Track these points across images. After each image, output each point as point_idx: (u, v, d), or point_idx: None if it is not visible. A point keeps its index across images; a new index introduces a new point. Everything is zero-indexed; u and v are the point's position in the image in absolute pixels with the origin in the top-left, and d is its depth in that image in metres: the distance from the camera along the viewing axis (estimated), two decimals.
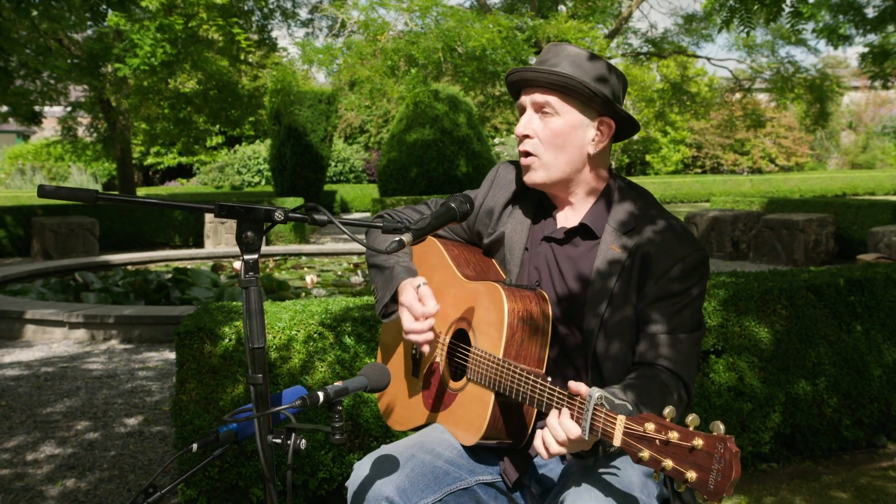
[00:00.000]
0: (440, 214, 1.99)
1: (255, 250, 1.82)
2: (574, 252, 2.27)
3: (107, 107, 17.99)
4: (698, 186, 33.33)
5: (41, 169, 32.12)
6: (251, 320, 1.82)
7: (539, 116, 2.20)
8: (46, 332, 8.42)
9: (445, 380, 2.31)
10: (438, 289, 2.39)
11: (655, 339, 2.14)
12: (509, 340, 2.12)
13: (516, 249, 2.34)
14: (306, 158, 24.98)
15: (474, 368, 2.19)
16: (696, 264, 2.16)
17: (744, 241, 14.60)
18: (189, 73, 18.57)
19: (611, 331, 2.18)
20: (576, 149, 2.22)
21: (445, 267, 2.39)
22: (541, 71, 2.15)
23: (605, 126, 2.26)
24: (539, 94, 2.19)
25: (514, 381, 2.05)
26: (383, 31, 16.13)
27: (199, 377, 3.81)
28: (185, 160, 31.90)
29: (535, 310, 2.17)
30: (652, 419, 1.69)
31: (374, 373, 1.90)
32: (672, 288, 2.14)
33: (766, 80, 24.61)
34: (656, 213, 2.26)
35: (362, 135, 36.84)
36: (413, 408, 2.42)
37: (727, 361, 4.25)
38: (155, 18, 13.83)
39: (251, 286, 1.82)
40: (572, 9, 18.57)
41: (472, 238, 2.52)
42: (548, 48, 2.26)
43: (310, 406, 1.76)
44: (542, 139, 2.20)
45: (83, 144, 20.16)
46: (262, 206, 1.83)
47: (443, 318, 2.35)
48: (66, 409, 6.02)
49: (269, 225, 1.84)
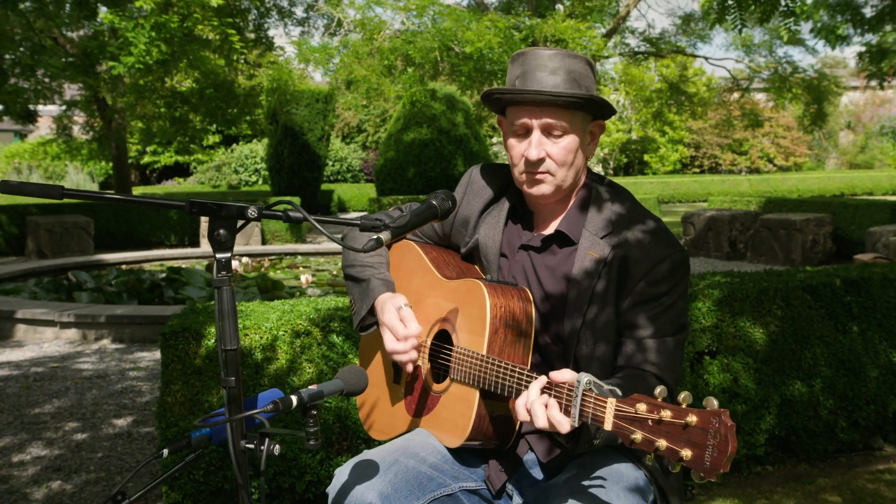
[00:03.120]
0: (420, 211, 1.93)
1: (227, 248, 1.76)
2: (552, 260, 2.21)
3: (102, 105, 17.91)
4: (696, 186, 33.30)
5: (38, 168, 32.04)
6: (223, 321, 1.76)
7: (548, 137, 2.13)
8: (38, 332, 8.35)
9: (428, 383, 2.25)
10: (419, 291, 2.34)
11: (639, 344, 2.08)
12: (492, 336, 2.06)
13: (491, 255, 2.28)
14: (303, 158, 24.92)
15: (457, 368, 2.14)
16: (675, 266, 2.10)
17: (741, 241, 14.54)
18: (186, 72, 18.50)
19: (591, 336, 2.12)
20: (579, 159, 2.18)
21: (425, 270, 2.33)
22: (556, 95, 2.06)
23: (598, 128, 2.24)
24: (551, 117, 2.10)
25: (499, 375, 2.00)
26: (380, 30, 16.07)
27: (184, 378, 3.74)
28: (182, 159, 31.84)
29: (517, 307, 2.11)
30: (643, 399, 1.63)
31: (350, 376, 1.84)
32: (652, 291, 2.09)
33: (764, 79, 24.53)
34: (634, 215, 2.20)
35: (360, 134, 36.78)
36: (395, 415, 2.36)
37: (721, 362, 4.19)
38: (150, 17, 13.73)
39: (223, 286, 1.76)
40: (570, 8, 18.50)
41: (449, 246, 2.46)
42: (529, 59, 2.14)
43: (282, 410, 1.70)
44: (556, 160, 2.13)
45: (78, 143, 20.08)
46: (234, 203, 1.77)
47: (425, 321, 2.29)
48: (55, 410, 5.96)
49: (242, 223, 1.78)
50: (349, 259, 2.46)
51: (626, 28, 22.73)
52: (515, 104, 2.14)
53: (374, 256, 2.40)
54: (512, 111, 2.17)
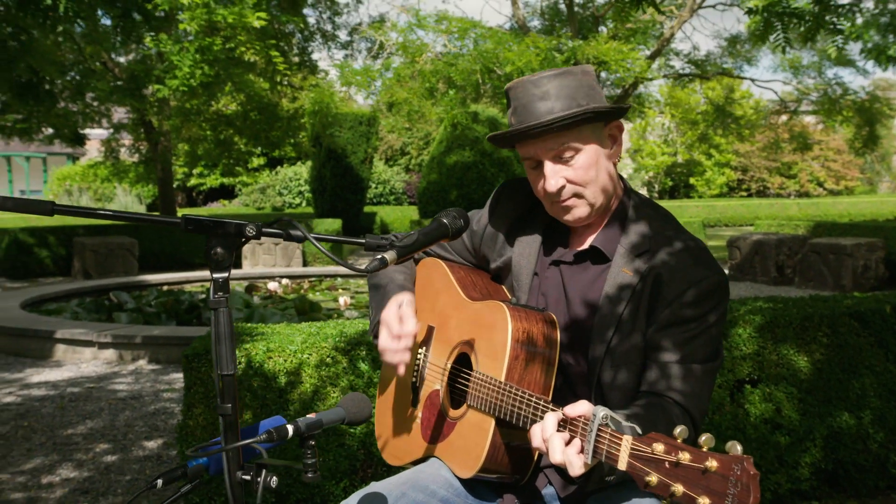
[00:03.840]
0: (430, 231, 1.83)
1: (225, 268, 1.68)
2: (584, 276, 2.10)
3: (149, 128, 18.17)
4: (743, 210, 32.80)
5: (87, 190, 32.62)
6: (220, 345, 1.68)
7: (560, 162, 2.02)
8: (76, 352, 8.39)
9: (445, 408, 2.14)
10: (443, 312, 2.24)
11: (665, 369, 1.95)
12: (512, 362, 1.95)
13: (524, 275, 2.18)
14: (346, 180, 25.02)
15: (474, 394, 2.03)
16: (712, 289, 1.97)
17: (789, 266, 14.20)
18: (232, 95, 18.71)
19: (618, 359, 2.00)
20: (605, 171, 2.06)
21: (450, 289, 2.23)
22: (548, 123, 1.96)
23: (616, 129, 2.12)
24: (555, 144, 2.00)
25: (516, 405, 1.88)
26: (421, 53, 16.09)
27: (206, 402, 3.67)
28: (228, 181, 32.17)
29: (540, 332, 1.99)
30: (661, 439, 1.51)
31: (352, 404, 1.74)
32: (685, 314, 1.95)
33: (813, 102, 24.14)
34: (672, 234, 2.07)
35: (403, 157, 36.89)
36: (411, 440, 2.25)
37: (763, 392, 4.01)
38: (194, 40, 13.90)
39: (220, 308, 1.67)
40: (613, 30, 18.38)
41: (479, 262, 2.36)
42: (519, 91, 2.04)
43: (277, 440, 1.60)
44: (578, 182, 2.02)
45: (125, 166, 20.39)
46: (233, 221, 1.68)
47: (446, 343, 2.19)
48: (88, 431, 5.93)
49: (241, 241, 1.70)
50: (371, 276, 2.38)
51: (670, 50, 22.53)
52: (518, 142, 2.05)
53: (399, 272, 2.32)
54: (519, 146, 2.08)
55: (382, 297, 2.22)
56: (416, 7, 17.13)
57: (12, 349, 8.75)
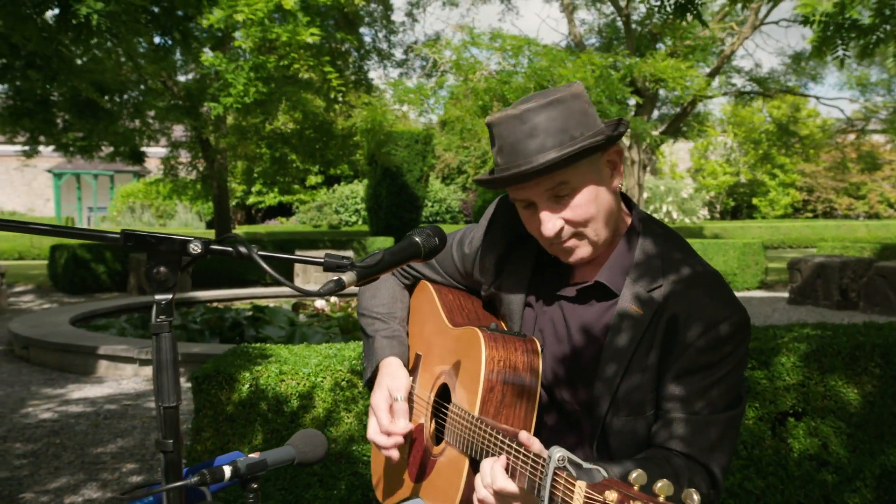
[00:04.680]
0: (398, 250, 1.64)
1: (168, 289, 1.52)
2: (588, 314, 1.87)
3: (206, 146, 18.34)
4: (808, 231, 31.92)
5: (150, 207, 33.20)
6: (161, 374, 1.51)
7: (556, 201, 1.79)
8: (118, 369, 8.39)
9: (429, 445, 1.96)
10: (429, 339, 2.06)
11: (679, 422, 1.72)
12: (486, 395, 1.76)
13: (515, 306, 1.96)
14: (402, 198, 25.01)
15: (451, 429, 1.85)
16: (732, 331, 1.73)
17: (853, 290, 13.66)
18: (289, 113, 18.81)
19: (624, 403, 1.78)
20: (605, 204, 1.82)
21: (435, 314, 2.05)
22: (539, 167, 1.71)
23: (615, 155, 1.86)
24: (549, 183, 1.76)
25: (486, 442, 1.69)
26: (475, 71, 15.97)
27: (215, 426, 3.54)
28: (286, 199, 32.41)
29: (520, 361, 1.79)
30: (615, 486, 1.31)
31: (304, 442, 1.56)
32: (701, 360, 1.72)
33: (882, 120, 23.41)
34: (686, 264, 1.83)
35: (460, 175, 36.81)
36: (399, 478, 2.07)
37: (808, 425, 3.73)
38: (249, 59, 14.00)
39: (163, 333, 1.51)
40: (671, 47, 18.03)
41: (473, 287, 2.15)
42: (503, 129, 1.79)
43: (210, 482, 1.43)
44: (577, 221, 1.79)
45: (183, 183, 20.62)
46: (177, 237, 1.53)
47: (430, 373, 2.02)
48: (117, 450, 5.87)
49: (187, 259, 1.54)
50: (360, 305, 2.20)
51: (731, 67, 22.04)
52: (506, 185, 1.82)
53: (388, 304, 2.15)
54: (509, 189, 1.84)
55: (371, 350, 2.09)
56: (470, 25, 17.01)
57: (58, 364, 8.81)
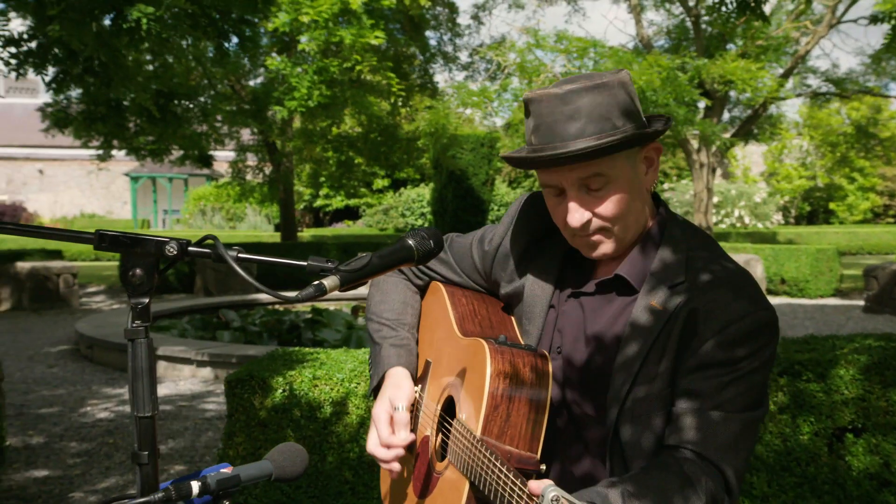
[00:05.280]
0: (388, 254, 1.53)
1: (145, 293, 1.44)
2: (607, 310, 1.75)
3: (272, 149, 18.55)
4: (889, 237, 30.81)
5: (220, 210, 33.77)
6: (137, 382, 1.44)
7: (587, 192, 1.68)
8: (176, 370, 8.47)
9: (433, 460, 1.85)
10: (439, 347, 1.95)
11: (688, 418, 1.60)
12: (490, 413, 1.64)
13: (538, 308, 1.85)
14: (467, 202, 24.94)
15: (453, 447, 1.73)
16: (753, 328, 1.60)
17: None
18: (355, 117, 18.93)
19: (640, 409, 1.65)
20: (638, 202, 1.72)
21: (446, 319, 1.94)
22: (578, 152, 1.60)
23: (653, 152, 1.75)
24: (584, 171, 1.65)
25: (483, 468, 1.58)
26: (539, 74, 15.81)
27: (247, 430, 3.49)
28: (353, 203, 32.63)
29: (528, 376, 1.67)
30: None
31: (283, 456, 1.47)
32: (718, 356, 1.60)
33: None
34: (711, 260, 1.71)
35: (527, 179, 36.56)
36: (404, 492, 1.97)
37: (868, 442, 3.50)
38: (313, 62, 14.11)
39: (138, 338, 1.44)
40: (742, 48, 17.57)
41: (491, 287, 2.04)
42: (543, 106, 1.67)
43: (176, 499, 1.34)
44: (606, 217, 1.68)
45: (251, 186, 20.89)
46: (153, 238, 1.45)
47: (438, 383, 1.91)
48: (167, 451, 5.89)
49: (164, 264, 1.46)
50: (368, 310, 2.11)
51: (806, 68, 21.39)
52: (538, 167, 1.71)
53: (398, 310, 2.05)
54: (540, 171, 1.73)
55: (377, 358, 1.98)
56: (535, 28, 16.85)
57: (119, 364, 8.94)
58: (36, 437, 6.31)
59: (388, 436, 1.80)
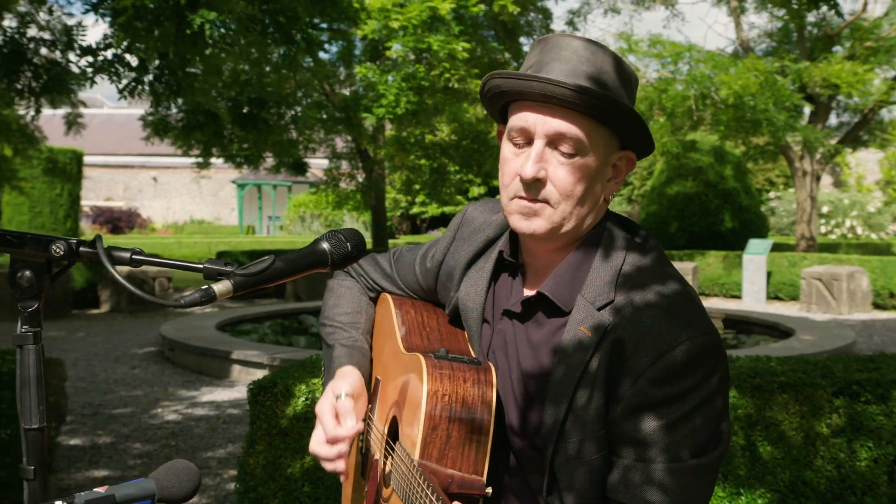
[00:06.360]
0: (296, 257, 1.37)
1: (34, 296, 1.35)
2: (536, 334, 1.56)
3: (364, 157, 18.68)
4: None
5: (318, 217, 34.30)
6: (24, 391, 1.34)
7: (554, 152, 1.49)
8: (250, 373, 8.54)
9: (381, 485, 1.70)
10: (385, 364, 1.81)
11: (632, 473, 1.40)
12: (428, 435, 1.48)
13: (472, 321, 1.68)
14: None
15: (395, 473, 1.59)
16: (690, 357, 1.38)
17: None
18: (448, 124, 18.89)
19: (573, 450, 1.45)
20: (593, 198, 1.53)
21: (392, 335, 1.79)
22: (576, 88, 1.43)
23: (625, 161, 1.57)
24: (563, 123, 1.47)
25: (418, 498, 1.42)
26: None
27: (268, 439, 3.41)
28: (448, 210, 32.63)
29: (469, 394, 1.50)
30: None
31: (169, 476, 1.35)
32: (656, 394, 1.38)
33: None
34: (650, 276, 1.49)
35: (625, 187, 35.91)
36: None
37: None
38: (400, 68, 14.13)
39: (27, 345, 1.34)
40: (849, 49, 16.75)
41: (441, 303, 1.87)
42: (552, 48, 1.51)
43: None
44: (559, 186, 1.49)
45: (345, 193, 21.07)
46: (43, 237, 1.35)
47: (385, 403, 1.76)
48: (225, 455, 5.91)
49: (57, 269, 1.36)
50: (322, 314, 1.97)
51: None
52: (520, 100, 1.51)
53: (351, 314, 1.90)
54: (514, 111, 1.53)
55: (329, 359, 1.82)
56: (629, 32, 16.47)
57: (197, 367, 9.09)
58: (104, 438, 6.43)
59: (333, 428, 1.62)
